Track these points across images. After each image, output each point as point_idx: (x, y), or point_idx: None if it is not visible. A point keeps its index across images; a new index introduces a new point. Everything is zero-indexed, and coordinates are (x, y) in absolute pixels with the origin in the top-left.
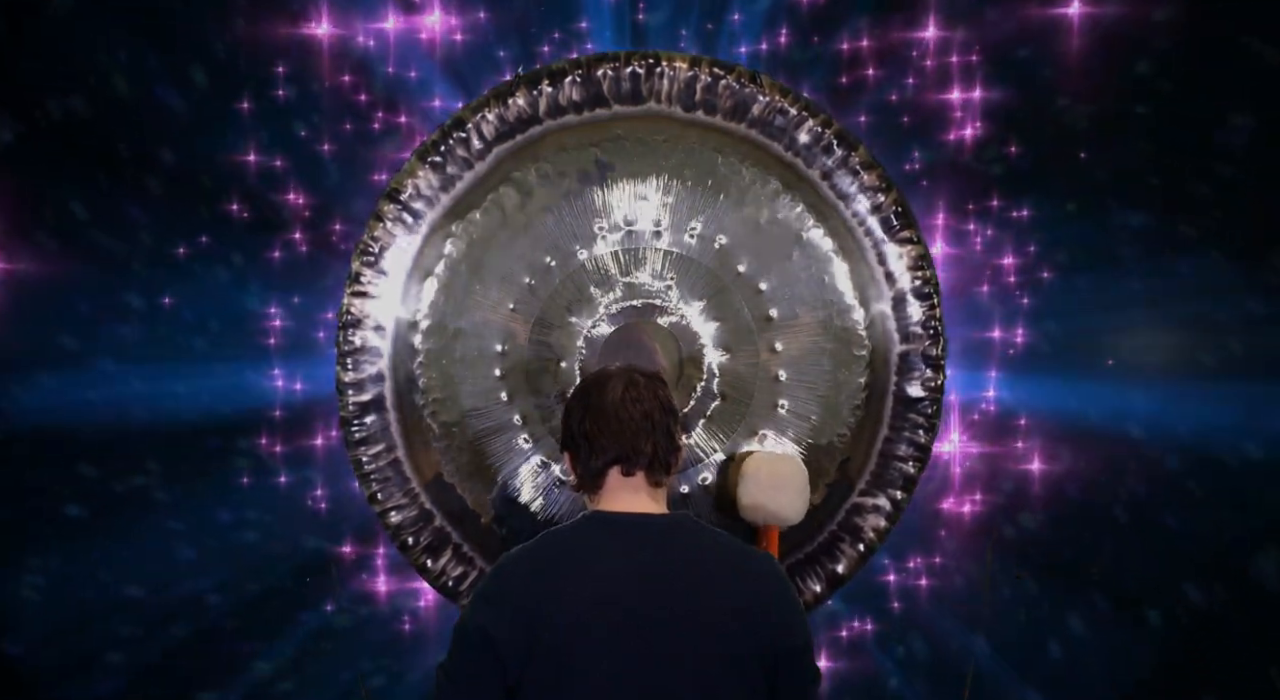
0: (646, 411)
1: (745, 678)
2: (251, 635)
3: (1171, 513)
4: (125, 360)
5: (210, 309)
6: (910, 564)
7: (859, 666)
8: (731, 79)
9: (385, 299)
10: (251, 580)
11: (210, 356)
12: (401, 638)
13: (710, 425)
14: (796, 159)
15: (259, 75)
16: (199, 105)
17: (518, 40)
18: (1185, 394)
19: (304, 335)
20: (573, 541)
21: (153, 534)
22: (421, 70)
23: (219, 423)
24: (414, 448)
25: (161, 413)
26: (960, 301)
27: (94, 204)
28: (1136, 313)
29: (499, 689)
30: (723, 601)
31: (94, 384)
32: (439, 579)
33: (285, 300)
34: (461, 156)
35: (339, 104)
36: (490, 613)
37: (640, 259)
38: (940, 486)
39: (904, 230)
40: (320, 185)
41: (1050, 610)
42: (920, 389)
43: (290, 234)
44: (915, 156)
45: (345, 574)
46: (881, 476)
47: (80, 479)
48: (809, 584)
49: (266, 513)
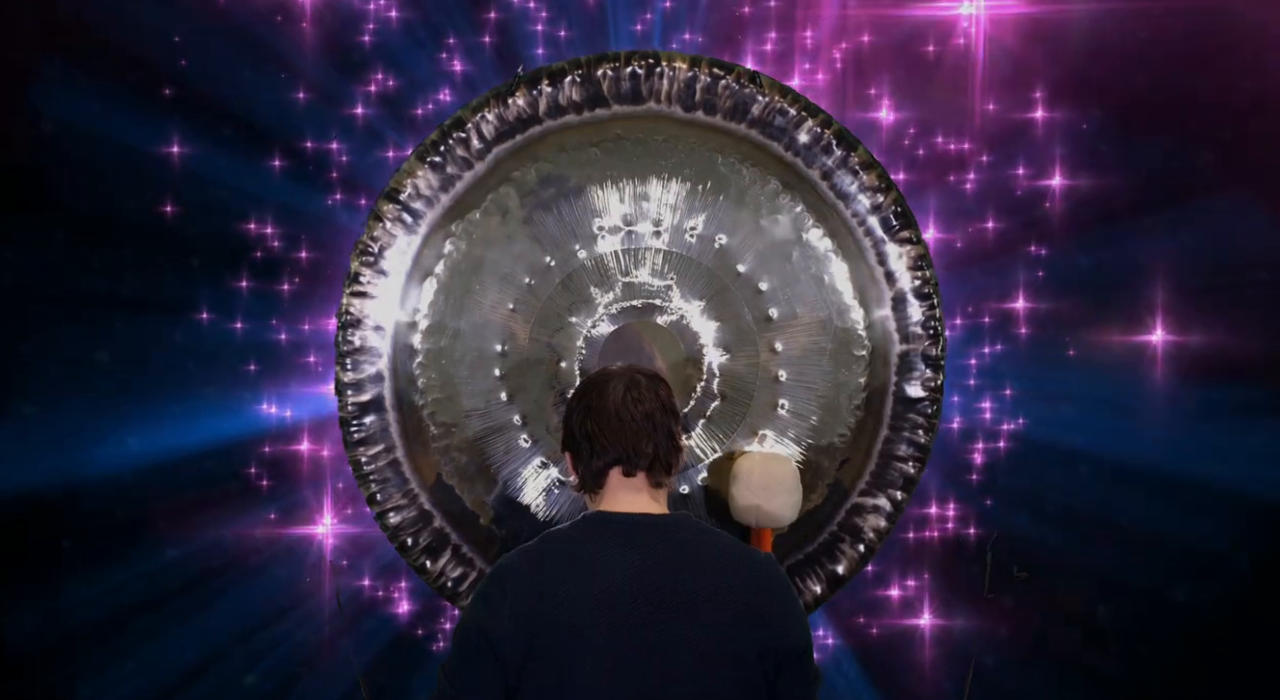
0: (648, 412)
1: (745, 678)
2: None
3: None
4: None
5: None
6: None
7: (858, 665)
8: (731, 79)
9: (385, 299)
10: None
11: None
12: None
13: (710, 426)
14: (796, 159)
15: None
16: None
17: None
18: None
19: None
20: (573, 542)
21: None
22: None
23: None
24: (413, 448)
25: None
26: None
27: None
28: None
29: (499, 689)
30: (723, 602)
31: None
32: (438, 580)
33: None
34: (461, 156)
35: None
36: (490, 613)
37: (640, 259)
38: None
39: (904, 230)
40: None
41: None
42: (920, 389)
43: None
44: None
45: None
46: (882, 477)
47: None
48: (809, 585)
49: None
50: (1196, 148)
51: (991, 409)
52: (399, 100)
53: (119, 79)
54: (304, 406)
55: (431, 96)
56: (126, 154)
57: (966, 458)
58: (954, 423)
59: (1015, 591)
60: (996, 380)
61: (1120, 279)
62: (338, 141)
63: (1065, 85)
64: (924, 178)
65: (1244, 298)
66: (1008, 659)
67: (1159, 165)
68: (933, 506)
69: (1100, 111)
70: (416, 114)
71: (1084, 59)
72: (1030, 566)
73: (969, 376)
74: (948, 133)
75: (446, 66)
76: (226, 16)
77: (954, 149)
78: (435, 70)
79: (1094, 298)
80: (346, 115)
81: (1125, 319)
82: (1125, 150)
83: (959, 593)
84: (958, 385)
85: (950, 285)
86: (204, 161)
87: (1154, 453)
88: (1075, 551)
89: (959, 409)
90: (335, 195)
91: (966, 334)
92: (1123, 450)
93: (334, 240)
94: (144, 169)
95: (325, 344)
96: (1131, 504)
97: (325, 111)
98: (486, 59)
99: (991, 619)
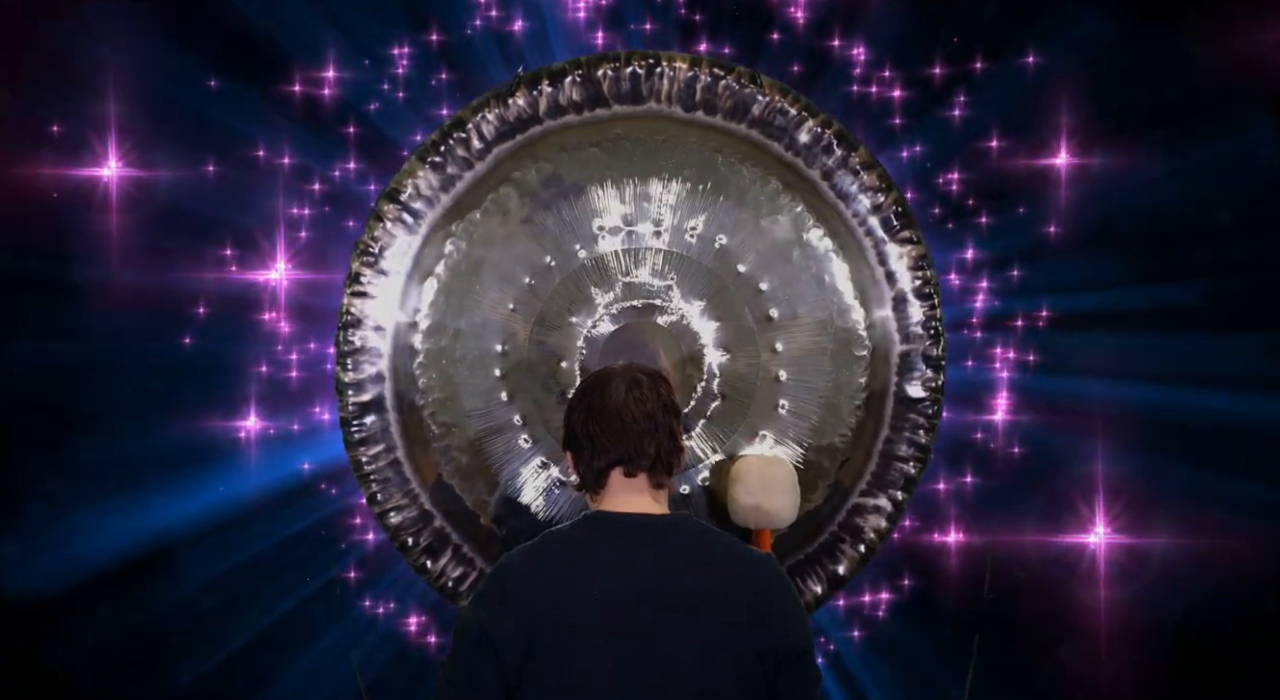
0: (650, 412)
1: (746, 678)
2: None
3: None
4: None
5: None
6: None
7: (857, 666)
8: (731, 79)
9: (385, 299)
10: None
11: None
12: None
13: (710, 426)
14: (797, 159)
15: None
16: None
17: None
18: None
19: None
20: (573, 542)
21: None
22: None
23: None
24: (414, 448)
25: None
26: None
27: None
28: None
29: (499, 689)
30: (724, 602)
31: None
32: (439, 580)
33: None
34: (461, 156)
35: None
36: (490, 613)
37: (640, 259)
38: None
39: (904, 230)
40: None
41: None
42: (921, 389)
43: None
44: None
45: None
46: (882, 477)
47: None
48: (809, 585)
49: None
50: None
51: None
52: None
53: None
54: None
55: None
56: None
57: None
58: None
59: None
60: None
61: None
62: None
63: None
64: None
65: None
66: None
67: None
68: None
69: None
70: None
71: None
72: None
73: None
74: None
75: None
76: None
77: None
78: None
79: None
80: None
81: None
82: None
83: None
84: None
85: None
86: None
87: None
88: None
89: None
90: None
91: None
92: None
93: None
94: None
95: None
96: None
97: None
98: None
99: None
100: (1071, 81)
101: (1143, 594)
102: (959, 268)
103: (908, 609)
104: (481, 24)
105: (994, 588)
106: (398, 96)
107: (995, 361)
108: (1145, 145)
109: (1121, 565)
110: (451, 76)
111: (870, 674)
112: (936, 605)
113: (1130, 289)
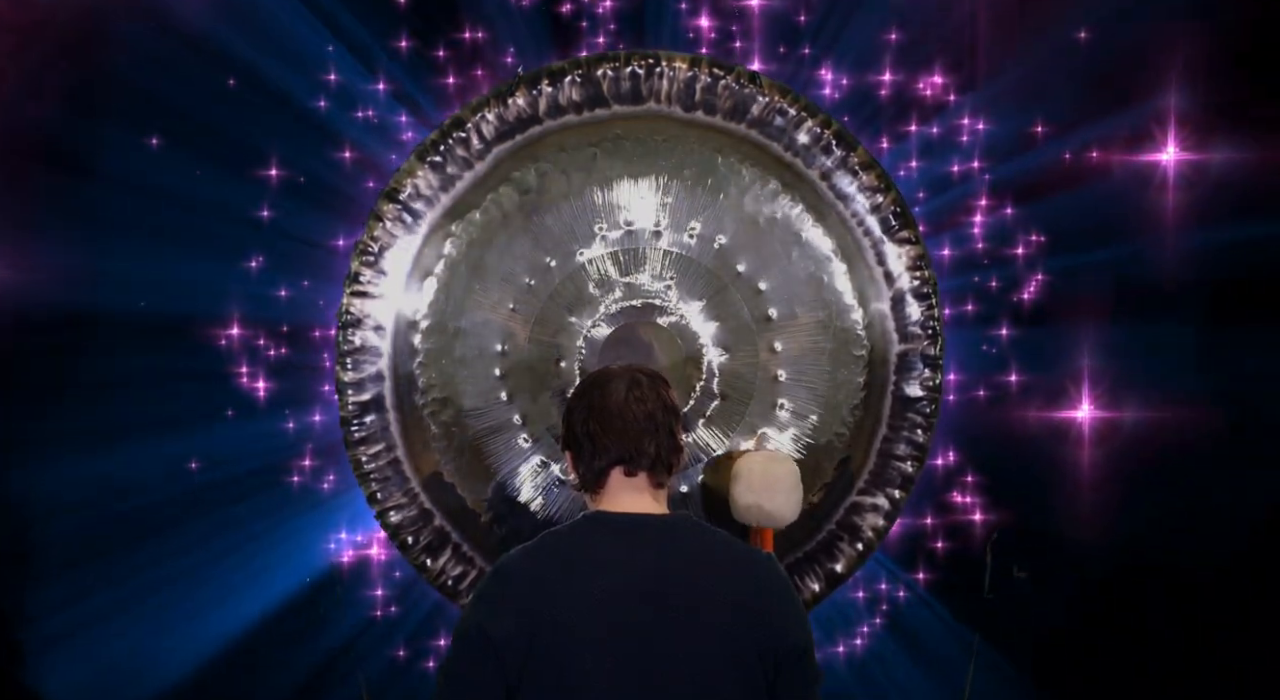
0: (650, 412)
1: (746, 678)
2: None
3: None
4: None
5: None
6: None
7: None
8: (731, 79)
9: (385, 299)
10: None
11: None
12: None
13: (710, 425)
14: (796, 159)
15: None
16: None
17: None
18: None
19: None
20: (573, 541)
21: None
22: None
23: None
24: (413, 447)
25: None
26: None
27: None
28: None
29: (498, 689)
30: (723, 602)
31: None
32: (438, 579)
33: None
34: (461, 156)
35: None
36: (490, 613)
37: (640, 259)
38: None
39: (903, 230)
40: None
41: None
42: (919, 388)
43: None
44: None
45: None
46: (880, 476)
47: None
48: (808, 583)
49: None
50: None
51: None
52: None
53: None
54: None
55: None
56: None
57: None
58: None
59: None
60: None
61: None
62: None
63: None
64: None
65: None
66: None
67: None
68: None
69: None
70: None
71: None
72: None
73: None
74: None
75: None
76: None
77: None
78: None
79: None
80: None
81: None
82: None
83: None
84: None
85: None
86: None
87: None
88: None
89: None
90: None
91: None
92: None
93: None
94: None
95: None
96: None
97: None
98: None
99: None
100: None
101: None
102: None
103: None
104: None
105: (994, 587)
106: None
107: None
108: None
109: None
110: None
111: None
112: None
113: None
